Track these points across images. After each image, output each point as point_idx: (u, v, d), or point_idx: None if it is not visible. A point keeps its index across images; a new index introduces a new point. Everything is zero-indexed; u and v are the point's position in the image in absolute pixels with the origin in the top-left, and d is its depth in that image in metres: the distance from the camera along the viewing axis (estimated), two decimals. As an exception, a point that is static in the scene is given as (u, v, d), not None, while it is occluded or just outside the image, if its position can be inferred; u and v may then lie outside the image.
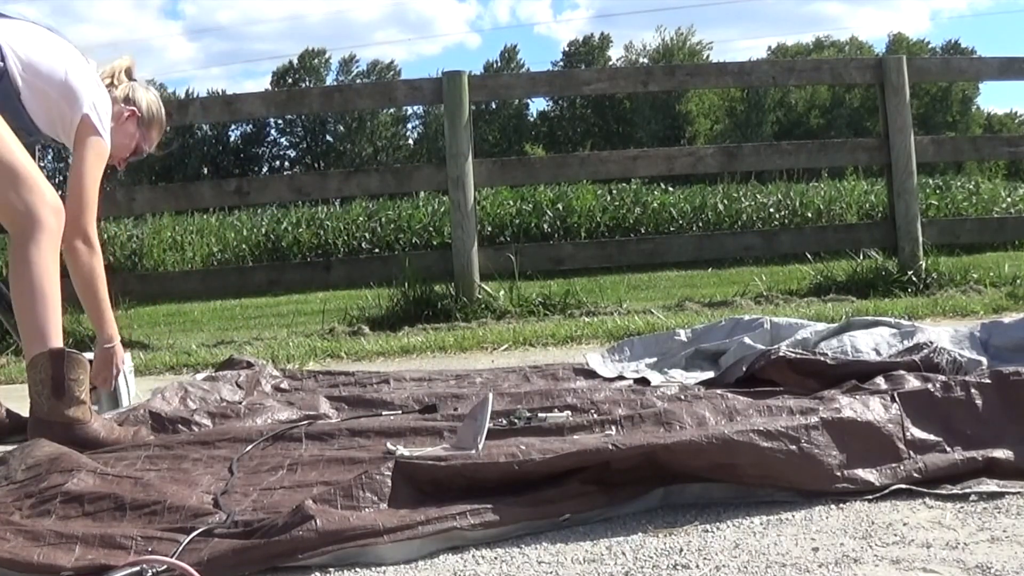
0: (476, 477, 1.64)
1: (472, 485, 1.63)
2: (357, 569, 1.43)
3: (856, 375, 2.27)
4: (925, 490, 1.64)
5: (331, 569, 1.43)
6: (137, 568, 1.36)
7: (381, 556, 1.46)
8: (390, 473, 1.61)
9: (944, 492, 1.64)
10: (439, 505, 1.56)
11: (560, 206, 12.15)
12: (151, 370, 3.96)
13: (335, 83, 40.32)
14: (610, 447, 1.65)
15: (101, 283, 2.53)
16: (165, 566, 1.37)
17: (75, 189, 2.48)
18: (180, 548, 1.43)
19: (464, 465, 1.66)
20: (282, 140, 48.89)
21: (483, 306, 5.00)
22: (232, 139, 47.68)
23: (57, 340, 2.31)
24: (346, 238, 12.12)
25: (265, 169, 45.88)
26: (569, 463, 1.65)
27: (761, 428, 1.68)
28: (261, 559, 1.43)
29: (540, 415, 2.16)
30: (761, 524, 1.55)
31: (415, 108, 46.27)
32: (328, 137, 47.19)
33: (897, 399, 1.81)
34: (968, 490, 1.64)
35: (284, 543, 1.44)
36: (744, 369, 2.59)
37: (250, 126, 46.09)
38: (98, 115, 2.51)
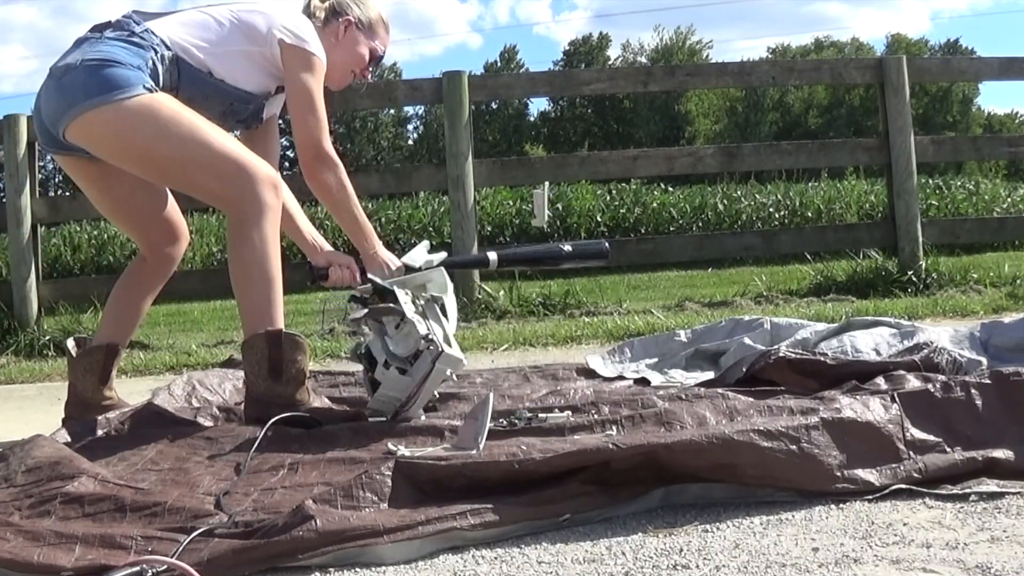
0: (477, 476, 1.64)
1: (473, 484, 1.63)
2: (357, 569, 1.44)
3: (856, 375, 2.27)
4: (925, 490, 1.64)
5: (331, 569, 1.44)
6: (137, 568, 1.36)
7: (381, 556, 1.46)
8: (390, 473, 1.62)
9: (944, 492, 1.64)
10: (439, 505, 1.56)
11: (560, 206, 12.15)
12: (151, 370, 3.97)
13: (335, 83, 40.18)
14: (610, 446, 1.65)
15: (353, 199, 2.46)
16: (165, 566, 1.37)
17: (297, 112, 2.37)
18: (180, 548, 1.43)
19: (465, 464, 1.66)
20: (282, 140, 48.84)
21: (483, 306, 5.00)
22: (232, 139, 47.62)
23: (279, 321, 2.28)
24: (346, 238, 12.11)
25: (265, 169, 45.74)
26: (570, 462, 1.65)
27: (761, 428, 1.68)
28: (261, 559, 1.43)
29: (540, 415, 2.16)
30: (761, 524, 1.55)
31: (416, 108, 46.30)
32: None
33: (897, 399, 1.81)
34: (968, 490, 1.64)
35: (284, 543, 1.44)
36: (744, 369, 2.59)
37: (250, 126, 46.03)
38: (292, 32, 2.40)
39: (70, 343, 2.60)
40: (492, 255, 2.63)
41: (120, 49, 2.29)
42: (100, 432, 2.30)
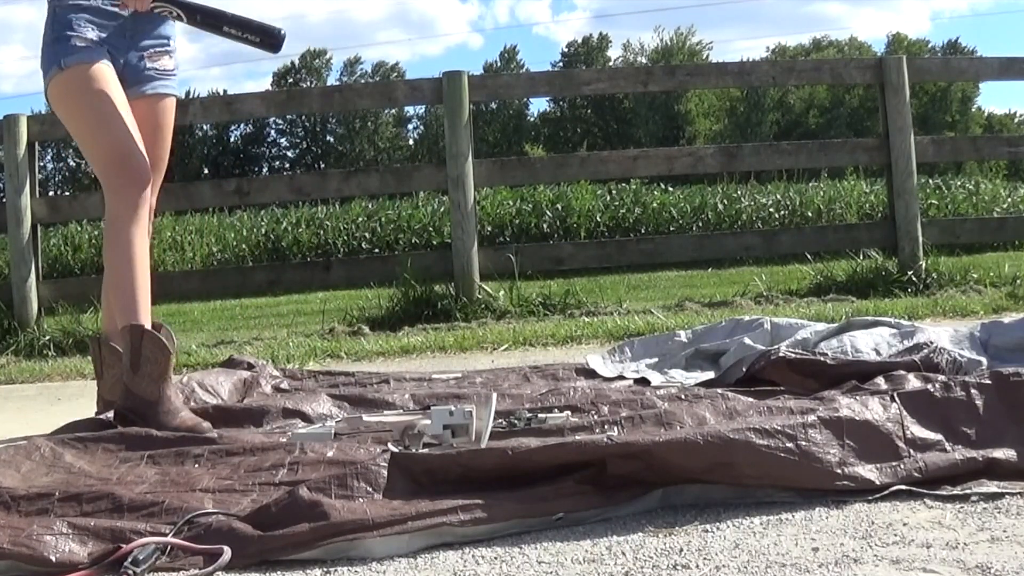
0: (471, 465, 1.65)
1: (467, 475, 1.64)
2: (356, 567, 1.44)
3: (856, 375, 2.27)
4: (925, 491, 1.64)
5: (329, 564, 1.44)
6: (154, 546, 1.41)
7: (370, 550, 1.47)
8: (386, 464, 1.62)
9: (944, 493, 1.64)
10: (431, 499, 1.56)
11: (560, 206, 12.14)
12: (151, 370, 3.95)
13: (337, 83, 40.22)
14: (604, 439, 1.66)
15: None
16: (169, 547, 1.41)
17: None
18: (175, 529, 1.46)
19: (459, 453, 1.68)
20: (282, 140, 48.84)
21: (483, 306, 5.00)
22: (232, 139, 47.61)
23: (142, 317, 2.40)
24: (346, 238, 12.12)
25: (265, 169, 45.79)
26: (564, 453, 1.65)
27: (757, 426, 1.68)
28: (255, 553, 1.45)
29: (540, 416, 2.16)
30: (761, 524, 1.55)
31: (416, 108, 46.28)
32: (328, 138, 47.15)
33: (897, 399, 1.81)
34: (968, 491, 1.64)
35: (276, 538, 1.46)
36: (744, 370, 2.59)
37: (250, 126, 46.04)
38: None
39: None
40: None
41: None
42: (98, 431, 2.29)
